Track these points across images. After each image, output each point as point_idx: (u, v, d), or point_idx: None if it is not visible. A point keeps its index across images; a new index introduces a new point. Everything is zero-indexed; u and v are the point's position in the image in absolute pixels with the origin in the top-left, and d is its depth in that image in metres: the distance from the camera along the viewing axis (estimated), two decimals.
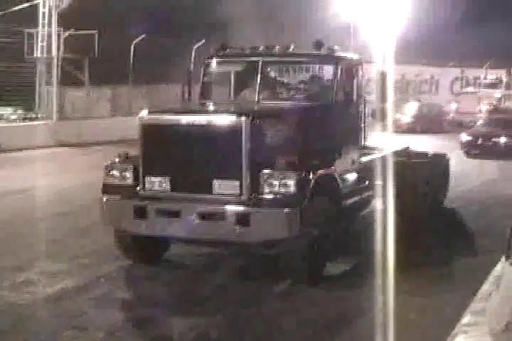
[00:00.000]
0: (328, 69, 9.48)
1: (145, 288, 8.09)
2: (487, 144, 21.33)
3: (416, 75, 40.87)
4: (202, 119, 8.15)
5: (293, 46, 9.72)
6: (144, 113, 8.38)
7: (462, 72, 41.84)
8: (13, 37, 24.98)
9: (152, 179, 8.12)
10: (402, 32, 29.96)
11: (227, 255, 9.13)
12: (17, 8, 24.87)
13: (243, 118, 7.81)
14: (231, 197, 7.82)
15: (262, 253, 8.56)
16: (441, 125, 31.74)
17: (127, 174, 8.34)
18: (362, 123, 10.01)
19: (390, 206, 9.29)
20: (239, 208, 7.76)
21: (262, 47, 9.74)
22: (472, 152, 21.42)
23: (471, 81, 40.87)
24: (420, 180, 11.69)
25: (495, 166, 18.95)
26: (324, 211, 8.20)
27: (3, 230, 10.66)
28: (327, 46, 9.45)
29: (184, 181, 8.06)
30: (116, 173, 8.39)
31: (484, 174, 17.60)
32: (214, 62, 9.95)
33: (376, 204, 10.08)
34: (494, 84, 36.59)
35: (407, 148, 12.40)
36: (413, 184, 11.40)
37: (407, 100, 33.23)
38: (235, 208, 7.77)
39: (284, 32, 27.59)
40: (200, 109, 9.36)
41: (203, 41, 27.59)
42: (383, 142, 11.02)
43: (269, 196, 7.73)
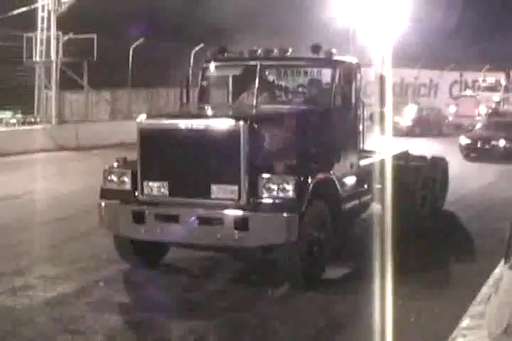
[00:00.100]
0: (326, 72, 9.47)
1: (143, 292, 8.07)
2: (486, 147, 21.33)
3: (415, 78, 40.94)
4: (200, 124, 8.11)
5: (291, 50, 9.71)
6: (142, 117, 8.37)
7: (461, 76, 41.87)
8: (12, 41, 25.02)
9: (150, 184, 8.10)
10: (401, 35, 30.06)
11: (225, 259, 9.12)
12: (16, 12, 24.93)
13: (241, 122, 7.78)
14: (230, 202, 7.79)
15: (261, 257, 8.54)
16: (440, 128, 31.80)
17: (125, 179, 8.31)
18: (360, 126, 10.00)
19: (389, 210, 9.29)
20: (237, 213, 7.74)
21: (260, 51, 9.72)
22: (471, 155, 21.44)
23: (470, 84, 40.84)
24: (419, 184, 11.71)
25: (494, 169, 18.95)
26: (323, 215, 8.20)
27: (2, 235, 10.65)
28: (325, 50, 9.44)
29: (182, 186, 8.04)
30: (114, 178, 8.38)
31: (483, 177, 17.58)
32: (212, 66, 9.91)
33: (375, 207, 10.09)
34: (493, 87, 36.56)
35: (406, 152, 12.40)
36: (412, 187, 11.43)
37: (406, 103, 33.30)
38: (234, 213, 7.75)
39: (283, 36, 27.63)
40: (198, 114, 9.34)
41: (202, 45, 27.64)
42: (382, 145, 11.01)
43: (267, 200, 7.72)
